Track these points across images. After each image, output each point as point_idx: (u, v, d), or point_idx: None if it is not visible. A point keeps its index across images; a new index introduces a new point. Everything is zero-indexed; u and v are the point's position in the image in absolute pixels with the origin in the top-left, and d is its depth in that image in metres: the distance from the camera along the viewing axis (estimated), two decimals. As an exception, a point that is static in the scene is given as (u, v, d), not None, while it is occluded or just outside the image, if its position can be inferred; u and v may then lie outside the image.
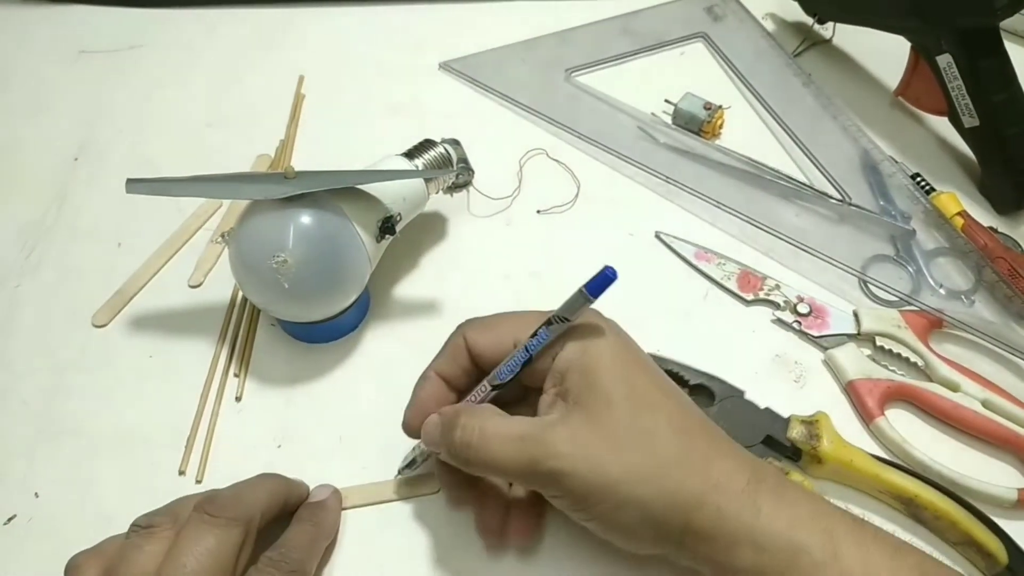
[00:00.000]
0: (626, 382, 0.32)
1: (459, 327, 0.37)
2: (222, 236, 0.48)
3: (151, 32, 0.63)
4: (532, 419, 0.32)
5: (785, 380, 0.43)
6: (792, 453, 0.39)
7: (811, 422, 0.39)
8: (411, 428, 0.36)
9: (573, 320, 0.32)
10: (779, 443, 0.39)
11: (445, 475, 0.37)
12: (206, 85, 0.59)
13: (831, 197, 0.51)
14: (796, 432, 0.39)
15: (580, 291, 0.32)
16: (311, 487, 0.38)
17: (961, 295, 0.46)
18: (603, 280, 0.31)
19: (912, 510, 0.38)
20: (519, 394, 0.36)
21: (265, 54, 0.61)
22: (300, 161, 0.54)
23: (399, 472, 0.39)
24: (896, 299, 0.46)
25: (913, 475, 0.38)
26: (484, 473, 0.34)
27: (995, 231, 0.48)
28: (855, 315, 0.45)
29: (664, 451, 0.30)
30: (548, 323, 0.33)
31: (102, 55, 0.62)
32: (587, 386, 0.32)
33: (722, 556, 0.30)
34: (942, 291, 0.46)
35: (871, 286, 0.47)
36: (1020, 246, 0.48)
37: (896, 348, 0.43)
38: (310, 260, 0.38)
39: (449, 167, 0.46)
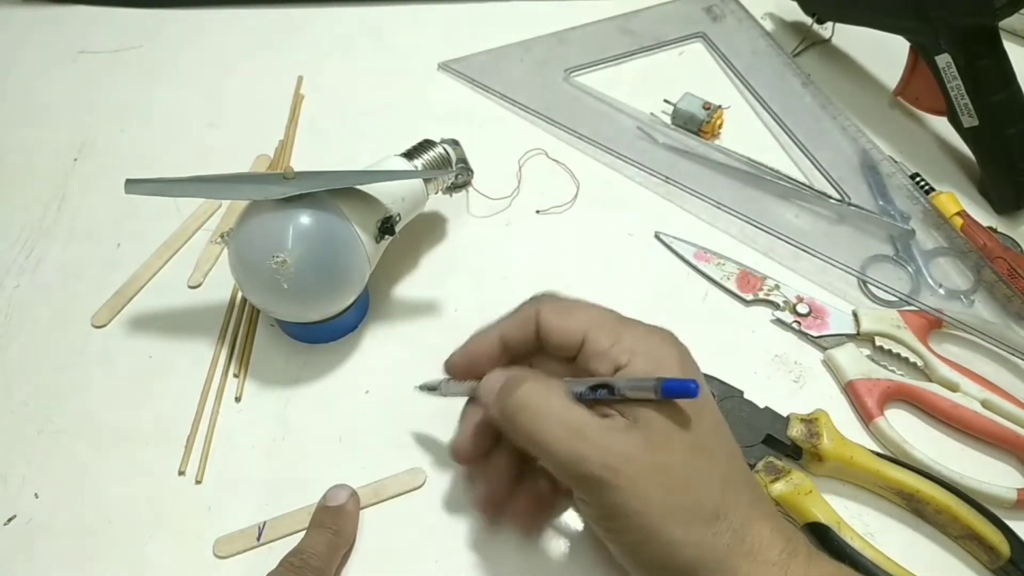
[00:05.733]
0: (688, 420, 0.30)
1: (535, 299, 0.36)
2: (221, 236, 0.48)
3: (151, 32, 0.63)
4: (592, 415, 0.31)
5: (784, 380, 0.43)
6: (793, 451, 0.39)
7: (811, 420, 0.39)
8: (454, 370, 0.37)
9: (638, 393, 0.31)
10: (779, 442, 0.39)
11: (468, 437, 0.36)
12: (206, 85, 0.59)
13: (830, 197, 0.51)
14: (796, 430, 0.39)
15: (657, 384, 0.29)
16: (325, 488, 0.38)
17: (960, 295, 0.46)
18: (682, 389, 0.29)
19: (913, 505, 0.38)
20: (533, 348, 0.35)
21: (265, 54, 0.61)
22: (299, 161, 0.54)
23: (418, 387, 0.39)
24: (896, 299, 0.46)
25: (914, 470, 0.38)
26: (526, 445, 0.32)
27: (994, 231, 0.48)
28: (854, 315, 0.45)
29: (709, 501, 0.29)
30: (611, 389, 0.31)
31: (102, 55, 0.62)
32: (649, 413, 0.30)
33: None
34: (941, 291, 0.46)
35: (871, 286, 0.47)
36: (1019, 246, 0.48)
37: (895, 348, 0.43)
38: (309, 260, 0.38)
39: (448, 167, 0.46)
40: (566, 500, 0.38)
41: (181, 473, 0.40)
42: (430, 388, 0.39)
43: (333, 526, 0.36)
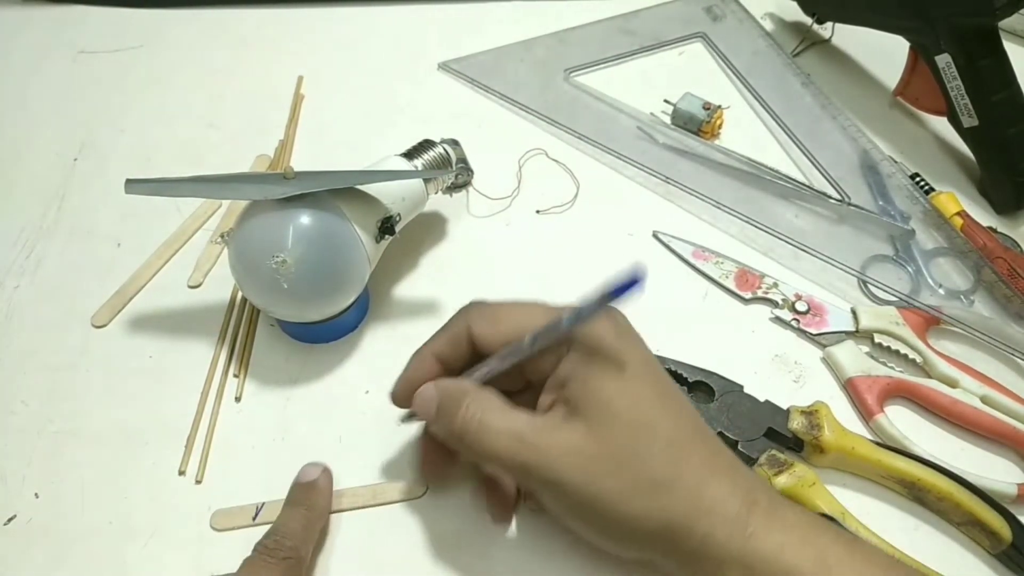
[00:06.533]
0: (627, 396, 0.31)
1: (463, 312, 0.36)
2: (221, 236, 0.48)
3: (151, 32, 0.63)
4: (531, 418, 0.32)
5: (784, 379, 0.43)
6: (794, 444, 0.39)
7: (811, 412, 0.40)
8: (399, 400, 0.37)
9: (588, 318, 0.32)
10: (781, 435, 0.39)
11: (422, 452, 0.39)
12: (206, 85, 0.59)
13: (830, 197, 0.51)
14: (797, 423, 0.39)
15: (604, 295, 0.30)
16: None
17: (960, 295, 0.46)
18: (627, 286, 0.30)
19: (915, 493, 0.38)
20: (519, 386, 0.36)
21: (265, 54, 0.61)
22: (299, 161, 0.54)
23: (401, 421, 0.40)
24: (895, 299, 0.46)
25: (914, 459, 0.38)
26: (478, 462, 0.33)
27: (994, 231, 0.48)
28: (853, 312, 0.45)
29: (658, 472, 0.30)
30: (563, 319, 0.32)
31: (102, 55, 0.62)
32: (587, 398, 0.31)
33: (710, 574, 0.30)
34: (941, 291, 0.46)
35: (870, 286, 0.47)
36: (1019, 246, 0.48)
37: (894, 345, 0.43)
38: (309, 260, 0.38)
39: (448, 167, 0.46)
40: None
41: (181, 473, 0.40)
42: (411, 416, 0.39)
43: (306, 502, 0.36)
